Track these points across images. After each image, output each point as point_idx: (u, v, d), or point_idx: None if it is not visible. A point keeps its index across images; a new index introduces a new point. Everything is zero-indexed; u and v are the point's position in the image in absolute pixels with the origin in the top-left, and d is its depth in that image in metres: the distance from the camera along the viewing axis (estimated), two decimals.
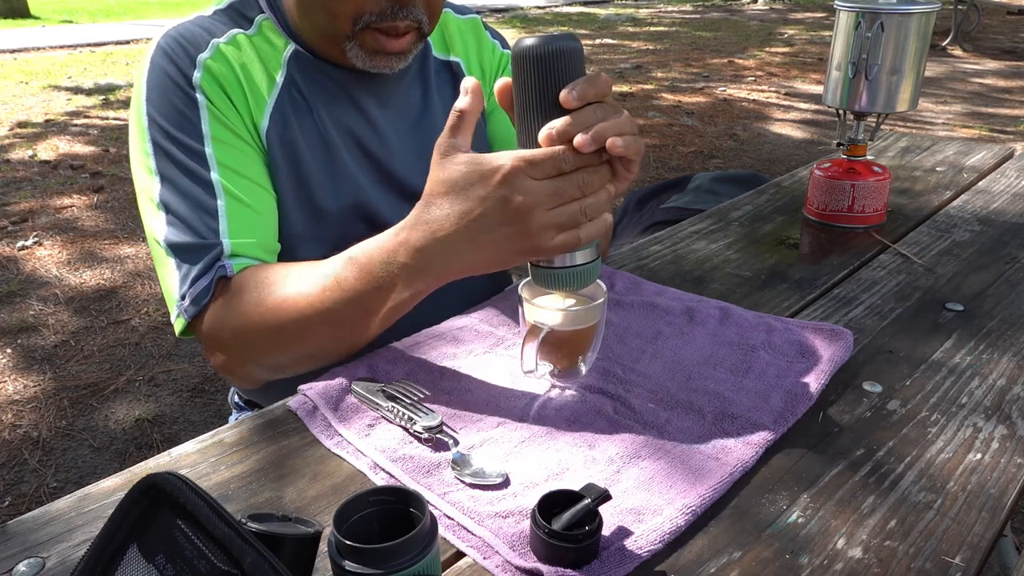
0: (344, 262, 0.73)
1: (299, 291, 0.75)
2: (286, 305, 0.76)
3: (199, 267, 0.79)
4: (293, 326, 0.75)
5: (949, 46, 7.62)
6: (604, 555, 0.55)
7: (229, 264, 0.79)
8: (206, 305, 0.79)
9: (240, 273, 0.80)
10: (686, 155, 4.36)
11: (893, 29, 1.09)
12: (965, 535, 0.58)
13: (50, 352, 2.40)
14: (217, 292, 0.79)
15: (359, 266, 0.71)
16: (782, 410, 0.72)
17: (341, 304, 0.73)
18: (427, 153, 0.99)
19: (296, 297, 0.75)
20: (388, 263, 0.69)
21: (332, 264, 0.74)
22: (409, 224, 0.68)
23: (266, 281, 0.78)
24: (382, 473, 0.65)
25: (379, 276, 0.70)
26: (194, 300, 0.79)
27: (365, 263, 0.71)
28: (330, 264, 0.75)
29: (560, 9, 11.72)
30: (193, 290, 0.79)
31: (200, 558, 0.42)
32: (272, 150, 0.87)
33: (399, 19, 0.84)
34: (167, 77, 0.83)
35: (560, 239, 0.64)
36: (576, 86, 0.62)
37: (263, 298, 0.77)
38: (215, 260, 0.79)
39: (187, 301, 0.79)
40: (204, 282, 0.79)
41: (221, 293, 0.79)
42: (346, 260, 0.73)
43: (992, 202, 1.30)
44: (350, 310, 0.73)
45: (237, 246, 0.81)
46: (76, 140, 4.62)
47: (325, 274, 0.74)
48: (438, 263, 0.67)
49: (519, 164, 0.63)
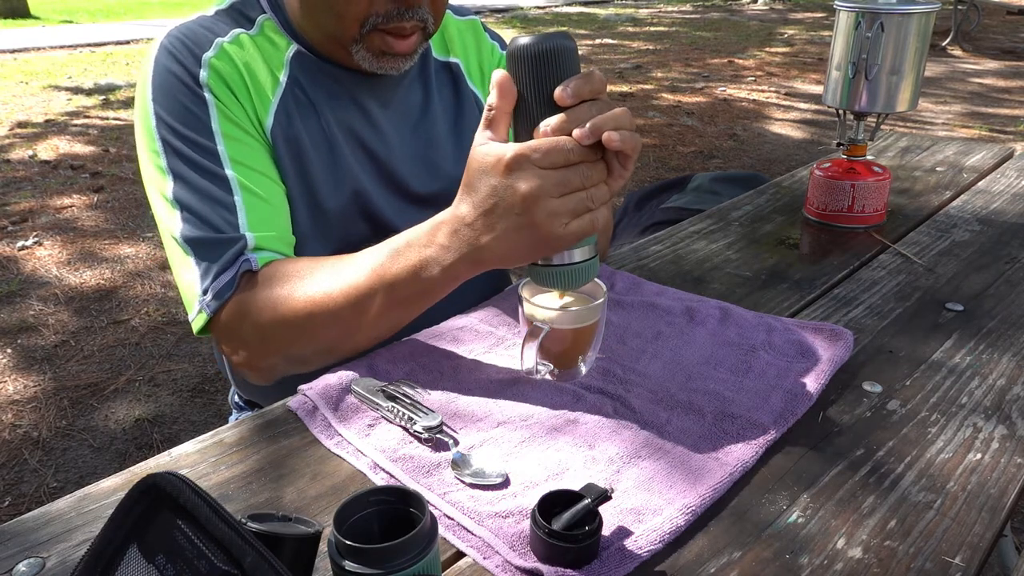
0: (382, 251, 0.74)
1: (335, 282, 0.76)
2: (319, 296, 0.76)
3: (222, 261, 0.79)
4: (325, 317, 0.76)
5: (949, 46, 7.62)
6: (604, 555, 0.55)
7: (254, 258, 0.80)
8: (227, 300, 0.79)
9: (267, 266, 0.80)
10: (686, 155, 4.36)
11: (893, 29, 1.09)
12: (965, 535, 0.58)
13: (50, 352, 2.40)
14: (240, 286, 0.79)
15: (397, 254, 0.73)
16: (782, 410, 0.72)
17: (377, 293, 0.73)
18: (427, 154, 1.00)
19: (331, 288, 0.76)
20: (424, 249, 0.71)
21: (367, 254, 0.75)
22: (444, 216, 0.70)
23: (297, 274, 0.78)
24: (382, 473, 0.65)
25: (416, 265, 0.71)
26: (217, 295, 0.79)
27: (403, 251, 0.72)
28: (365, 254, 0.76)
29: (560, 9, 11.72)
30: (216, 284, 0.79)
31: (200, 558, 0.42)
32: (277, 148, 0.87)
33: (405, 20, 0.84)
34: (173, 76, 0.83)
35: (575, 225, 0.64)
36: (571, 83, 0.63)
37: (293, 291, 0.77)
38: (239, 254, 0.79)
39: (209, 295, 0.79)
40: (228, 276, 0.79)
41: (245, 287, 0.79)
42: (386, 250, 0.74)
43: (992, 202, 1.30)
44: (384, 299, 0.74)
45: (260, 239, 0.81)
46: (76, 140, 4.62)
47: (361, 264, 0.75)
48: (468, 253, 0.68)
49: (523, 151, 0.63)
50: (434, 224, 0.71)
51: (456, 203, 0.69)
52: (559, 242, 0.65)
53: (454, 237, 0.69)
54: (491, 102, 0.66)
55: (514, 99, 0.66)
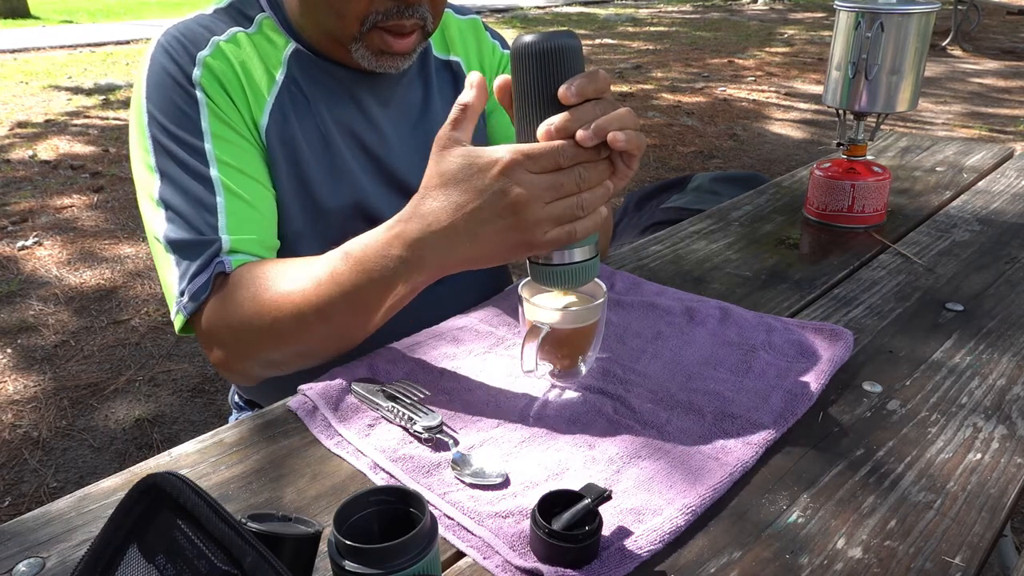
0: (339, 257, 0.73)
1: (294, 286, 0.75)
2: (281, 300, 0.75)
3: (198, 263, 0.79)
4: (289, 321, 0.75)
5: (949, 46, 7.62)
6: (604, 555, 0.55)
7: (227, 260, 0.79)
8: (204, 301, 0.79)
9: (237, 269, 0.80)
10: (686, 155, 4.36)
11: (893, 29, 1.09)
12: (965, 535, 0.58)
13: (50, 352, 2.40)
14: (215, 288, 0.79)
15: (354, 260, 0.71)
16: (782, 410, 0.72)
17: (337, 299, 0.72)
18: (427, 152, 1.00)
19: (291, 292, 0.75)
20: (384, 256, 0.69)
21: (327, 259, 0.74)
22: (405, 217, 0.68)
23: (262, 277, 0.78)
24: (382, 473, 0.65)
25: (374, 270, 0.70)
26: (192, 296, 0.79)
27: (360, 257, 0.71)
28: (325, 259, 0.74)
29: (560, 9, 11.71)
30: (192, 286, 0.79)
31: (200, 558, 0.42)
32: (272, 148, 0.87)
33: (405, 18, 0.84)
34: (167, 74, 0.83)
35: (554, 233, 0.64)
36: (574, 82, 0.62)
37: (259, 294, 0.77)
38: (213, 256, 0.79)
39: (186, 297, 0.79)
40: (203, 278, 0.79)
41: (219, 289, 0.79)
42: (341, 255, 0.73)
43: (992, 202, 1.30)
44: (346, 305, 0.73)
45: (236, 242, 0.81)
46: (76, 140, 4.62)
47: (320, 269, 0.74)
48: (433, 256, 0.67)
49: (517, 157, 0.62)
50: (394, 229, 0.68)
51: (418, 203, 0.67)
52: (538, 248, 0.65)
53: (420, 243, 0.67)
54: (464, 100, 0.66)
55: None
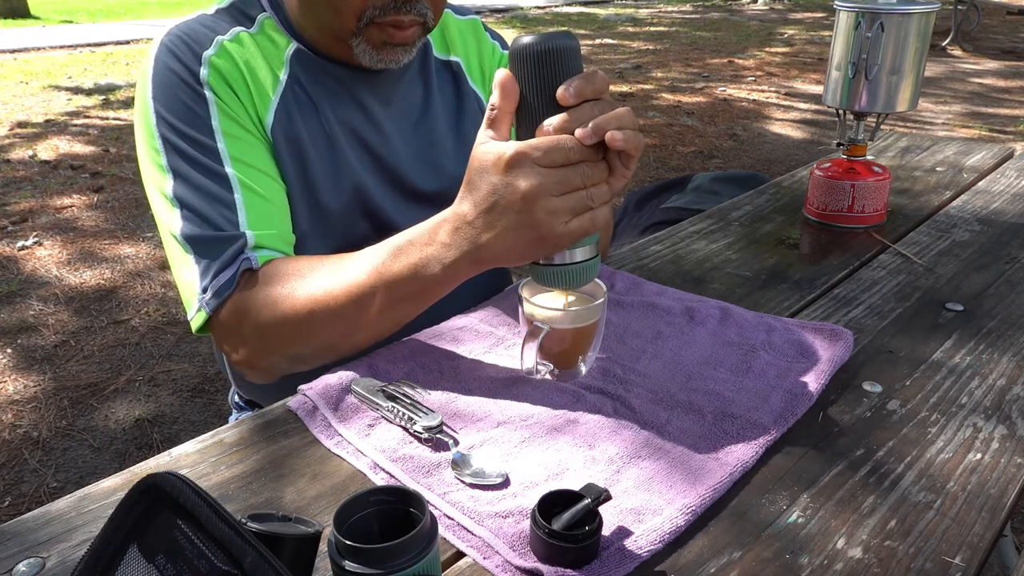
0: (385, 250, 0.74)
1: (335, 281, 0.76)
2: (321, 295, 0.76)
3: (221, 260, 0.79)
4: (327, 315, 0.76)
5: (949, 46, 7.62)
6: (604, 555, 0.55)
7: (254, 256, 0.80)
8: (227, 298, 0.79)
9: (267, 265, 0.80)
10: (686, 155, 4.36)
11: (893, 29, 1.09)
12: (965, 535, 0.58)
13: (50, 352, 2.40)
14: (240, 285, 0.79)
15: (400, 252, 0.73)
16: (782, 410, 0.72)
17: (380, 292, 0.73)
18: (428, 152, 1.00)
19: (331, 287, 0.75)
20: (427, 245, 0.71)
21: (371, 253, 0.75)
22: (446, 214, 0.70)
23: (298, 272, 0.78)
24: (382, 473, 0.65)
25: (416, 264, 0.71)
26: (216, 293, 0.79)
27: (404, 247, 0.72)
28: (368, 253, 0.75)
29: (560, 9, 11.71)
30: (216, 283, 0.79)
31: (200, 558, 0.42)
32: (278, 146, 0.87)
33: (403, 14, 0.84)
34: (173, 74, 0.83)
35: (575, 224, 0.64)
36: (573, 83, 0.63)
37: (295, 289, 0.77)
38: (239, 252, 0.79)
39: (209, 294, 0.79)
40: (228, 274, 0.79)
41: (245, 286, 0.79)
42: (388, 248, 0.74)
43: (992, 202, 1.30)
44: (386, 298, 0.74)
45: (260, 238, 0.81)
46: (76, 140, 4.61)
47: (363, 263, 0.75)
48: (470, 251, 0.68)
49: (524, 149, 0.63)
50: (435, 222, 0.71)
51: (457, 201, 0.69)
52: (559, 240, 0.65)
53: (455, 235, 0.69)
54: (493, 101, 0.66)
55: (516, 98, 0.66)
